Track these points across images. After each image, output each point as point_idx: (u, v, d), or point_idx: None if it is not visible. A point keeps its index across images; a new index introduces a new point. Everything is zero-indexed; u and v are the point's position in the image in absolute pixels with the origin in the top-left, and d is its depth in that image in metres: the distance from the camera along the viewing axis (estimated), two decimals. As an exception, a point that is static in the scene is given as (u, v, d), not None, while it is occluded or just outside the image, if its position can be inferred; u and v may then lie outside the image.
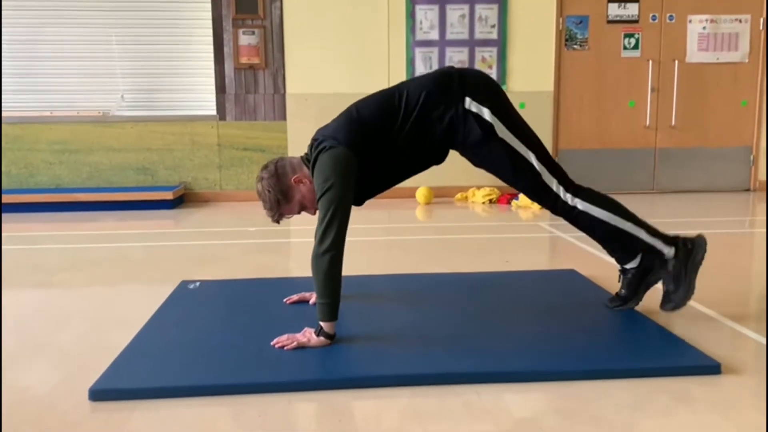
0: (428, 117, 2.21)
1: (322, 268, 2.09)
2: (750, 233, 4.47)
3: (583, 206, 2.30)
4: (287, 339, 2.14)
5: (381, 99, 2.28)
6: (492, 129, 2.22)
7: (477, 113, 2.21)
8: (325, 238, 2.08)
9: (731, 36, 5.95)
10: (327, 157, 2.16)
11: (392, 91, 2.29)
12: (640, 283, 2.44)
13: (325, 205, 2.11)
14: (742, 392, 1.86)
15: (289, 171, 2.29)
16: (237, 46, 5.66)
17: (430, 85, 2.25)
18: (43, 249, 3.98)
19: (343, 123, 2.25)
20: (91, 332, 2.42)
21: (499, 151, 2.25)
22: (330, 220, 2.09)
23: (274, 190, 2.27)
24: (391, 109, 2.22)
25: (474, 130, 2.21)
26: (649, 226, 2.38)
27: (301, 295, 2.63)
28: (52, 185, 5.71)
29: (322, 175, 2.14)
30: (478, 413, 1.74)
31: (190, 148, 5.79)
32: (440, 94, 2.22)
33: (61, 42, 5.66)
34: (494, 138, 2.23)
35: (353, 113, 2.26)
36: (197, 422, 1.70)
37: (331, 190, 2.11)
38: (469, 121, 2.21)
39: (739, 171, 6.18)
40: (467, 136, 2.22)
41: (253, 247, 3.96)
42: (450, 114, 2.21)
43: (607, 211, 2.32)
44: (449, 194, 5.81)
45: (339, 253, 2.10)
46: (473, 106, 2.21)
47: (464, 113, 2.21)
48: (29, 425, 1.70)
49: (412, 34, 5.74)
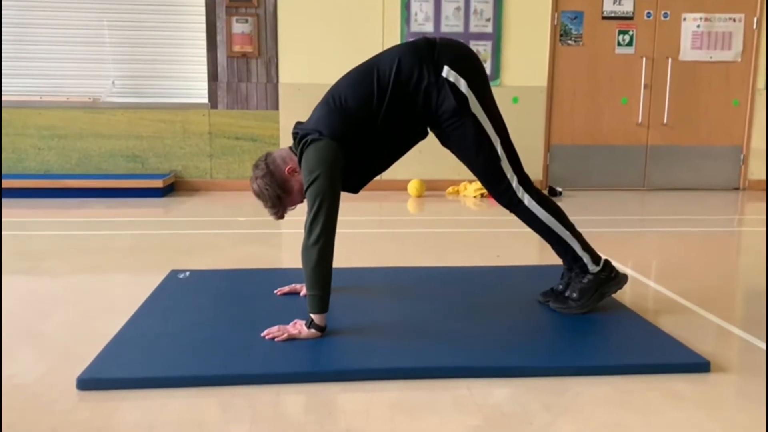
0: (404, 89, 2.19)
1: (312, 260, 2.08)
2: (738, 231, 4.50)
3: (528, 202, 2.32)
4: (278, 330, 2.13)
5: (356, 81, 2.24)
6: (466, 102, 2.20)
7: (454, 83, 2.19)
8: (314, 229, 2.08)
9: (725, 35, 5.96)
10: (311, 150, 2.15)
11: (367, 68, 2.25)
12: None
13: (312, 197, 2.10)
14: (729, 390, 1.87)
15: (280, 164, 2.28)
16: (230, 34, 5.61)
17: (403, 55, 2.22)
18: (31, 235, 3.95)
19: (325, 114, 2.22)
20: (79, 320, 2.40)
21: (467, 127, 2.23)
22: (317, 211, 2.08)
23: (272, 187, 2.26)
24: (367, 92, 2.20)
25: (448, 99, 2.19)
26: (584, 240, 2.42)
27: (291, 287, 2.62)
28: (41, 171, 5.66)
29: (308, 167, 2.14)
30: (467, 407, 1.74)
31: (181, 136, 5.74)
32: (415, 62, 2.20)
33: (51, 26, 5.59)
34: (466, 112, 2.21)
35: (332, 102, 2.23)
36: (186, 413, 1.69)
37: (317, 182, 2.10)
38: (444, 90, 2.19)
39: (729, 170, 6.21)
40: (440, 105, 2.20)
41: (243, 237, 3.94)
42: (425, 82, 2.19)
43: (549, 214, 2.34)
44: (441, 188, 5.81)
45: (328, 244, 2.09)
46: (451, 75, 2.19)
47: (441, 82, 2.19)
48: (16, 414, 1.69)
49: (406, 25, 5.71)
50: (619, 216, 4.87)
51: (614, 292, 2.46)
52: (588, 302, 2.39)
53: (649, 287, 2.91)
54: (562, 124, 6.01)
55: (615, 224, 4.53)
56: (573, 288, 2.42)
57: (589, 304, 2.39)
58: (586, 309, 2.39)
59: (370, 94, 2.19)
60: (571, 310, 2.39)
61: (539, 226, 2.37)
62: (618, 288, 2.46)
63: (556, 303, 2.43)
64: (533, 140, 5.93)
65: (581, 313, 2.38)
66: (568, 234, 2.38)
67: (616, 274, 2.45)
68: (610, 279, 2.42)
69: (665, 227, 4.41)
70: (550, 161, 6.06)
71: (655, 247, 3.82)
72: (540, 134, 5.96)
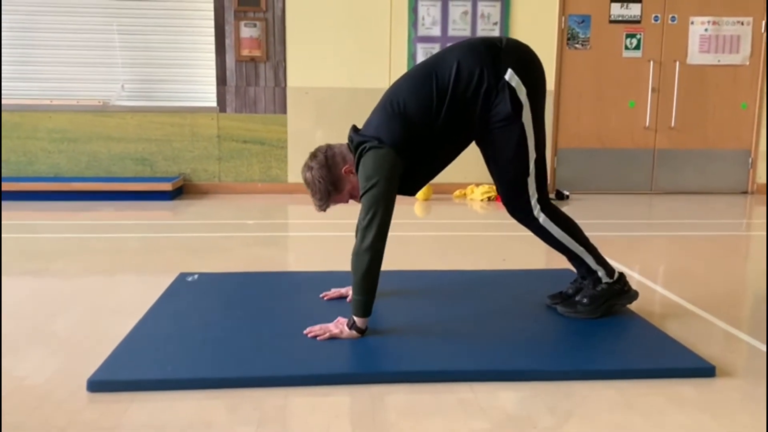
0: (463, 94, 2.15)
1: (363, 266, 2.10)
2: (746, 236, 4.48)
3: (543, 221, 2.32)
4: (320, 329, 2.16)
5: (415, 86, 2.21)
6: (520, 110, 2.17)
7: (515, 89, 2.15)
8: (366, 236, 2.09)
9: (732, 38, 5.95)
10: (371, 157, 2.15)
11: (426, 73, 2.21)
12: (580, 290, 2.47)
13: (367, 204, 2.11)
14: (735, 395, 1.87)
15: (339, 161, 2.26)
16: (238, 38, 5.64)
17: (463, 58, 2.17)
18: (41, 237, 3.98)
19: (384, 121, 2.20)
20: (88, 321, 2.43)
21: (512, 134, 2.20)
22: (371, 218, 2.09)
23: (325, 181, 2.24)
24: (427, 98, 2.16)
25: (504, 103, 2.15)
26: (598, 254, 2.42)
27: (337, 291, 2.60)
28: (51, 174, 5.70)
29: (366, 174, 2.13)
30: (472, 411, 1.75)
31: (190, 139, 5.78)
32: (475, 66, 2.14)
33: (62, 31, 5.64)
34: (517, 119, 2.18)
35: (390, 108, 2.20)
36: (194, 415, 1.71)
37: (374, 189, 2.10)
38: (503, 94, 2.15)
39: (737, 174, 6.19)
40: (495, 107, 2.16)
41: (252, 240, 3.96)
42: (485, 86, 2.14)
43: (563, 231, 2.34)
44: (448, 191, 5.82)
45: (379, 251, 2.11)
46: (514, 80, 2.14)
47: (502, 85, 2.14)
48: (26, 414, 1.71)
49: (414, 29, 5.73)
50: (626, 220, 4.87)
51: (624, 305, 2.47)
52: (597, 310, 2.39)
53: (656, 292, 2.91)
54: (569, 127, 6.01)
55: (622, 228, 4.52)
56: (584, 294, 2.42)
57: (597, 312, 2.39)
58: (594, 316, 2.39)
59: (430, 100, 2.16)
60: (579, 315, 2.39)
61: (553, 242, 2.37)
62: (628, 303, 2.47)
63: (564, 307, 2.44)
64: (540, 144, 5.92)
65: (588, 318, 2.39)
66: (582, 250, 2.38)
67: (629, 288, 2.46)
68: (622, 292, 2.43)
69: (672, 231, 4.40)
70: (557, 164, 6.05)
71: (662, 251, 3.81)
72: (547, 138, 5.93)
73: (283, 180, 5.80)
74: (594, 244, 2.43)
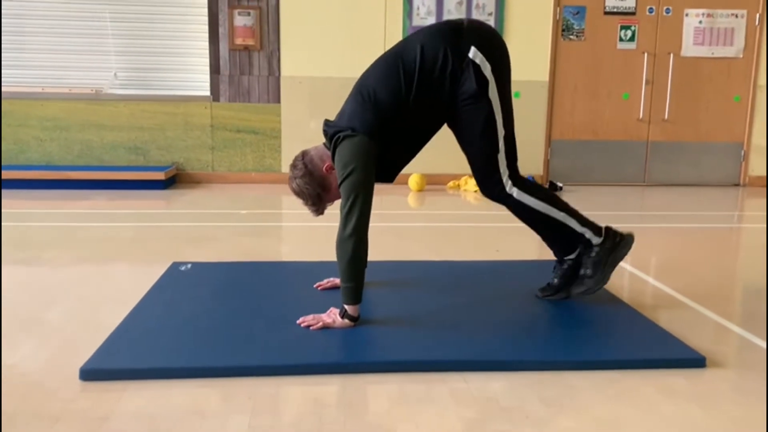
0: (429, 75, 2.18)
1: (347, 252, 2.11)
2: (738, 228, 4.51)
3: (518, 195, 2.32)
4: (313, 319, 2.17)
5: (383, 73, 2.23)
6: (486, 86, 2.19)
7: (479, 66, 2.17)
8: (348, 222, 2.10)
9: (727, 31, 5.96)
10: (345, 146, 2.17)
11: (392, 59, 2.24)
12: (572, 276, 2.47)
13: (346, 191, 2.12)
14: (724, 386, 1.89)
15: (318, 162, 2.30)
16: (232, 27, 5.61)
17: (426, 42, 2.20)
18: (33, 226, 3.97)
19: (356, 109, 2.23)
20: (80, 311, 2.43)
21: (479, 111, 2.22)
22: (352, 205, 2.10)
23: (312, 185, 2.28)
24: (395, 83, 2.19)
25: (470, 81, 2.18)
26: (581, 216, 2.41)
27: (331, 282, 2.60)
28: (43, 162, 5.67)
29: (342, 162, 2.15)
30: (465, 400, 1.76)
31: (183, 128, 5.76)
32: (439, 48, 2.17)
33: (54, 18, 5.59)
34: (483, 96, 2.20)
35: (361, 96, 2.23)
36: (187, 403, 1.72)
37: (351, 175, 2.12)
38: (468, 72, 2.17)
39: (729, 166, 6.22)
40: (461, 85, 2.19)
41: (245, 230, 3.96)
42: (450, 67, 2.17)
43: (539, 200, 2.34)
44: (442, 182, 5.82)
45: (362, 237, 2.12)
46: (478, 57, 2.17)
47: (466, 63, 2.17)
48: (18, 403, 1.71)
49: (408, 18, 5.71)
50: (619, 211, 4.88)
51: (626, 254, 2.45)
52: (604, 273, 2.39)
53: (647, 283, 2.93)
54: (563, 119, 6.02)
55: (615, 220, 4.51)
56: (585, 265, 2.42)
57: (605, 275, 2.40)
58: (605, 281, 2.39)
59: (398, 86, 2.19)
60: (591, 288, 2.40)
61: (534, 215, 2.36)
62: (628, 249, 2.45)
63: (575, 288, 2.44)
64: (534, 135, 5.93)
65: (601, 286, 2.40)
66: (563, 215, 2.37)
67: (621, 237, 2.44)
68: (616, 245, 2.42)
69: (665, 223, 4.42)
70: (550, 156, 6.06)
71: (654, 243, 3.83)
72: (541, 129, 5.97)
73: (277, 170, 5.78)
74: (575, 208, 2.42)
